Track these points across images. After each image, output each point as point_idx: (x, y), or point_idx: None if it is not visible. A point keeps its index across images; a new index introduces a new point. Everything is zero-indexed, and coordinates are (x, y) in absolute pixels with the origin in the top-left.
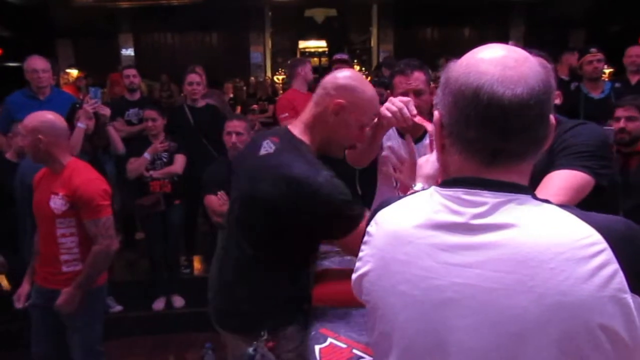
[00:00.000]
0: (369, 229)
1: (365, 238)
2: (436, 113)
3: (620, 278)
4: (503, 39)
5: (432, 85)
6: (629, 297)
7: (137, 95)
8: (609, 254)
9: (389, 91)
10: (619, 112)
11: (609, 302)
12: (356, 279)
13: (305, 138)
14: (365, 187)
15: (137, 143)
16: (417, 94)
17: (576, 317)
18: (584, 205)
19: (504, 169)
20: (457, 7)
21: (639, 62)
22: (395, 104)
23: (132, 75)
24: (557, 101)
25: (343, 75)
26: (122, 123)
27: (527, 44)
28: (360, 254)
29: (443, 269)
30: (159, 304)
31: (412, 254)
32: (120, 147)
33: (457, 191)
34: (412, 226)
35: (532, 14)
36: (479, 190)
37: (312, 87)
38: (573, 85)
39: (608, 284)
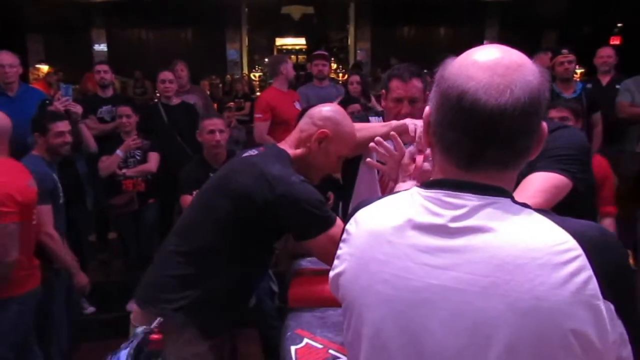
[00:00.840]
0: (348, 227)
1: (344, 236)
2: (427, 109)
3: (594, 284)
4: (478, 38)
5: (427, 92)
6: (601, 303)
7: (109, 92)
8: (583, 260)
9: (384, 90)
10: (553, 113)
11: (582, 307)
12: (333, 277)
13: (289, 152)
14: (348, 179)
15: (109, 141)
16: (411, 102)
17: (549, 321)
18: (560, 207)
19: (484, 174)
20: (434, 5)
21: (609, 62)
22: (418, 128)
23: (103, 71)
24: None
25: (328, 109)
26: (95, 121)
27: (502, 44)
28: (339, 252)
29: (420, 270)
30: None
31: (390, 254)
32: (92, 145)
33: (438, 193)
34: (392, 226)
35: (506, 14)
36: (459, 193)
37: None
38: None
39: (582, 290)
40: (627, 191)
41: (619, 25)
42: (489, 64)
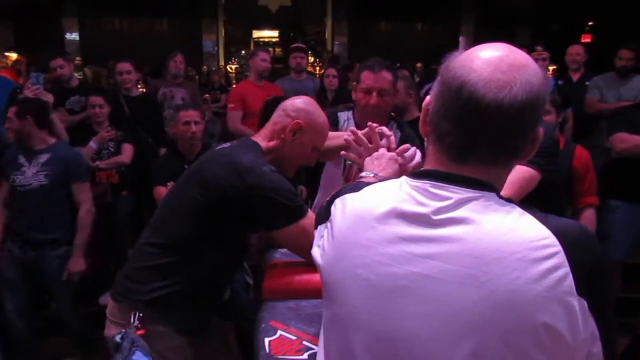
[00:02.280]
0: (332, 208)
1: (331, 217)
2: (427, 98)
3: (570, 281)
4: (454, 34)
5: (397, 89)
6: (575, 300)
7: (75, 82)
8: (561, 257)
9: (355, 82)
10: None
11: (556, 303)
12: (315, 252)
13: (262, 144)
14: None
15: (80, 132)
16: (380, 93)
17: (523, 315)
18: (529, 198)
19: (473, 167)
20: (410, 2)
21: (579, 60)
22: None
23: (59, 66)
24: None
25: (301, 100)
26: (64, 112)
27: (477, 41)
28: (324, 232)
29: (401, 258)
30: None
31: (373, 239)
32: (64, 136)
33: (425, 183)
34: (377, 212)
35: (481, 11)
36: (446, 185)
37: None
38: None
39: (557, 286)
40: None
41: (590, 23)
42: (493, 60)
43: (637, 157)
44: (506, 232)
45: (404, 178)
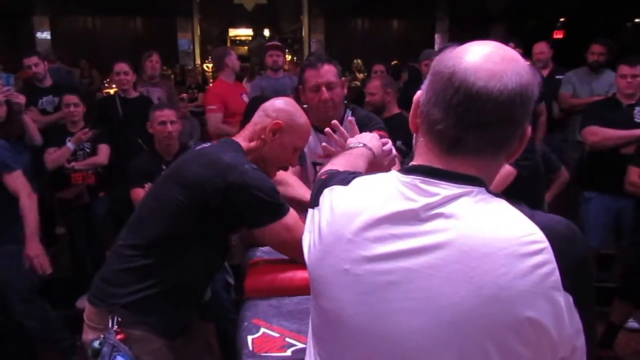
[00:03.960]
0: (321, 199)
1: (319, 208)
2: (418, 92)
3: (556, 277)
4: (429, 31)
5: (344, 79)
6: (561, 295)
7: (48, 82)
8: (549, 252)
9: (300, 86)
10: None
11: (543, 298)
12: (305, 238)
13: (243, 145)
14: None
15: (54, 132)
16: (328, 87)
17: (509, 310)
18: (507, 194)
19: (462, 160)
20: None
21: (543, 58)
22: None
23: (33, 64)
24: None
25: (282, 101)
26: (37, 112)
27: (452, 37)
28: (312, 224)
29: (389, 253)
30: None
31: (361, 235)
32: (37, 137)
33: (415, 179)
34: (366, 208)
35: (456, 8)
36: (435, 180)
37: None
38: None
39: (544, 282)
40: (570, 177)
41: (562, 19)
42: (485, 52)
43: (608, 150)
44: (495, 228)
45: (394, 173)
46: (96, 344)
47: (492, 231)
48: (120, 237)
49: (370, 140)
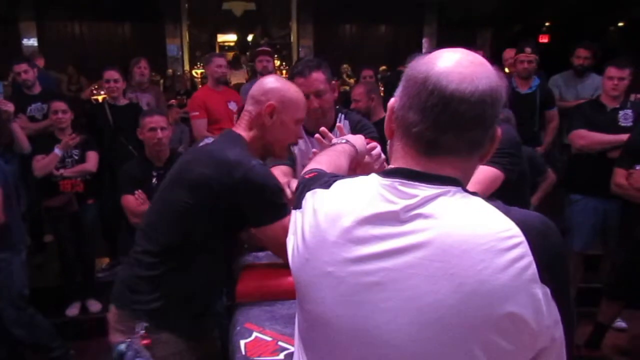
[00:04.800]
0: (304, 202)
1: (302, 211)
2: (392, 99)
3: (533, 270)
4: (417, 36)
5: (334, 82)
6: (539, 287)
7: (37, 89)
8: (525, 246)
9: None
10: None
11: (522, 291)
12: (289, 241)
13: (244, 135)
14: None
15: (42, 140)
16: (317, 94)
17: (490, 305)
18: (495, 197)
19: (439, 161)
20: (374, 4)
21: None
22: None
23: (23, 71)
24: None
25: (267, 81)
26: (25, 120)
27: (440, 42)
28: (295, 227)
29: (372, 254)
30: (73, 310)
31: (344, 237)
32: (25, 145)
33: (394, 181)
34: (347, 210)
35: (444, 13)
36: (413, 182)
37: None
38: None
39: (522, 275)
40: (557, 179)
41: (547, 24)
42: (456, 57)
43: (595, 153)
44: (472, 225)
45: (374, 176)
46: (122, 347)
47: (470, 228)
48: (136, 241)
49: (355, 139)
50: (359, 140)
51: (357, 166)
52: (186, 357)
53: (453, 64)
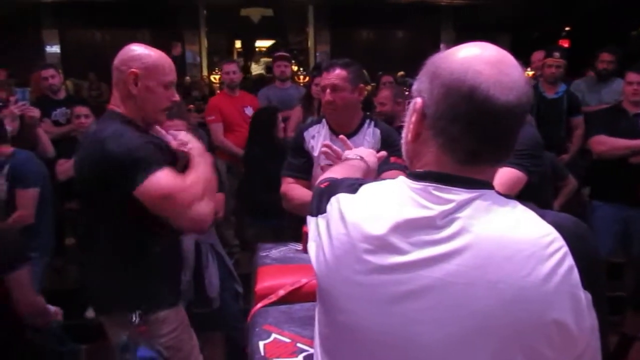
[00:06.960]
0: (328, 207)
1: (327, 217)
2: (419, 100)
3: (576, 275)
4: (434, 41)
5: (361, 85)
6: (582, 292)
7: (62, 94)
8: (566, 251)
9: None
10: None
11: (565, 297)
12: (310, 248)
13: (120, 110)
14: None
15: (66, 144)
16: (332, 89)
17: (534, 312)
18: (517, 199)
19: (476, 170)
20: (391, 9)
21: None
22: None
23: (50, 76)
24: None
25: (126, 50)
26: (49, 124)
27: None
28: (317, 234)
29: (406, 263)
30: (91, 312)
31: (375, 244)
32: (49, 149)
33: (428, 186)
34: (379, 216)
35: (460, 19)
36: (448, 187)
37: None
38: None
39: (566, 280)
40: (578, 185)
41: (567, 28)
42: (494, 62)
43: (616, 159)
44: (511, 230)
45: (403, 179)
46: (124, 338)
47: (509, 234)
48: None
49: (368, 155)
50: (371, 157)
51: None
52: (184, 320)
53: (497, 72)
